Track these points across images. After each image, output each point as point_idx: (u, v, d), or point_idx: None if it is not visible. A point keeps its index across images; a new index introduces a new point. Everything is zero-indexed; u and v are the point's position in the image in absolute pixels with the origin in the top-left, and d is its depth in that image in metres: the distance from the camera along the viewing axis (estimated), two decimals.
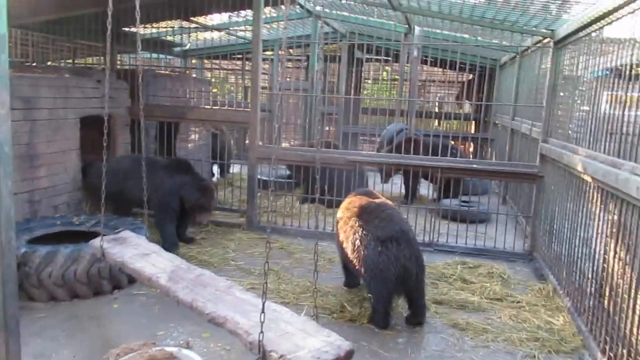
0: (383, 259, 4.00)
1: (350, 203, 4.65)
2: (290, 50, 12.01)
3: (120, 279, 4.63)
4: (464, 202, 7.80)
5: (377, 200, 4.60)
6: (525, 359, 3.76)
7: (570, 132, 5.06)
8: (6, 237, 2.76)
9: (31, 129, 5.35)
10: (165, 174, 5.83)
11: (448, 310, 4.50)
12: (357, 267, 4.23)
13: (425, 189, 8.85)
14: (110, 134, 4.11)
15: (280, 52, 11.04)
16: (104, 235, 3.89)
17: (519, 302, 4.69)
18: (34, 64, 8.23)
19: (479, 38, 8.45)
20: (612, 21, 4.02)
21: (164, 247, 5.60)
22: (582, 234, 4.27)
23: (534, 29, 6.15)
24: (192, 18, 8.34)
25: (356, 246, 4.19)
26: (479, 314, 4.47)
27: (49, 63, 8.77)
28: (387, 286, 4.01)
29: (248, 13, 9.04)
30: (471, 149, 12.17)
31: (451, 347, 3.90)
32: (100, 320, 4.10)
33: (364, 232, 4.18)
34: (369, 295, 4.19)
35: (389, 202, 4.79)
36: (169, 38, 9.51)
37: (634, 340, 3.03)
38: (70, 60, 8.91)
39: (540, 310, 4.50)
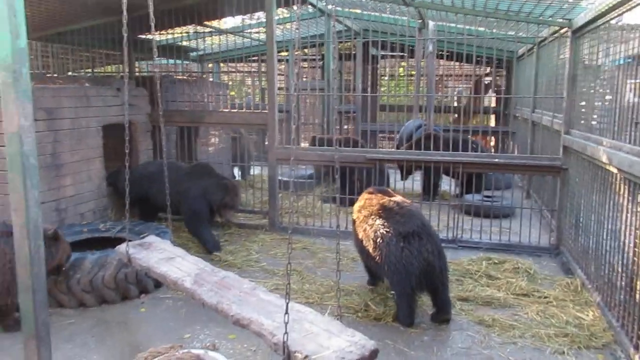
0: (406, 253, 3.98)
1: (367, 201, 4.63)
2: (305, 50, 12.02)
3: (146, 284, 4.70)
4: (487, 197, 7.71)
5: (394, 198, 4.58)
6: (554, 355, 3.70)
7: (593, 122, 4.97)
8: (34, 246, 2.83)
9: (55, 139, 5.46)
10: (190, 180, 5.90)
11: (474, 307, 4.46)
12: (378, 265, 4.21)
13: (447, 184, 8.80)
14: (131, 140, 4.17)
15: (295, 53, 11.06)
16: (129, 240, 3.96)
17: (546, 297, 4.62)
18: (55, 75, 8.39)
19: (494, 30, 8.34)
20: (633, 7, 3.93)
21: (210, 251, 5.69)
22: (609, 227, 4.18)
23: (550, 19, 6.04)
24: (206, 22, 8.41)
25: (377, 243, 4.17)
26: (505, 310, 4.42)
27: (69, 73, 8.93)
28: (411, 281, 3.98)
29: (261, 15, 9.09)
30: (492, 143, 12.04)
31: (477, 344, 3.87)
32: (128, 324, 4.17)
33: (384, 229, 4.16)
34: (392, 292, 4.18)
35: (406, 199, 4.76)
36: (185, 43, 9.60)
37: None
38: (89, 70, 9.07)
39: (569, 306, 4.42)
